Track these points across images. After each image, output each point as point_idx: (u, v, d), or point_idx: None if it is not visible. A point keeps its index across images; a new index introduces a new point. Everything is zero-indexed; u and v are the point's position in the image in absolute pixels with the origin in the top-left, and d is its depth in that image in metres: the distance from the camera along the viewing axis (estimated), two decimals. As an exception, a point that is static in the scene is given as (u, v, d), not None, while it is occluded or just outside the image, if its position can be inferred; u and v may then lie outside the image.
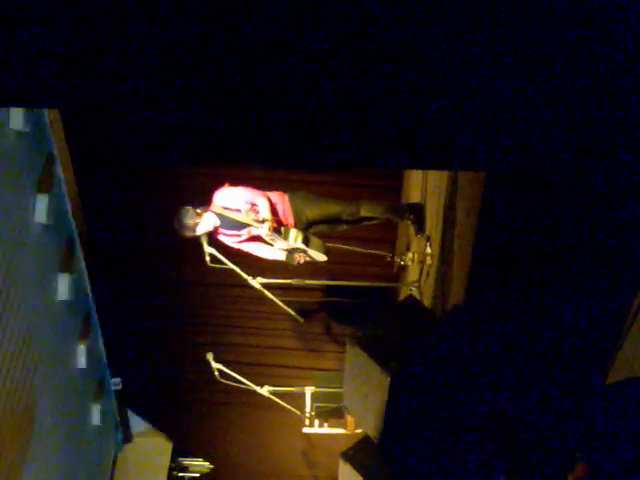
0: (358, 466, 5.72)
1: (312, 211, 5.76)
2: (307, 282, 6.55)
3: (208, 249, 5.52)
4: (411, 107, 2.02)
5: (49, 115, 6.73)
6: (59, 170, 7.08)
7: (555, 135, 2.01)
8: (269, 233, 5.43)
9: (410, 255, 6.18)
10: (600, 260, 3.18)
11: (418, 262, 6.07)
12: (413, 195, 6.85)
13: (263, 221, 5.41)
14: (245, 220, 5.41)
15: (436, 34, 1.82)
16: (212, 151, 2.41)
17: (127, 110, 2.14)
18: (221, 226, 5.54)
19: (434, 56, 1.87)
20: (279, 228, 5.51)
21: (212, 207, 5.47)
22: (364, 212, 5.92)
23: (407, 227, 6.70)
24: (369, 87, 1.97)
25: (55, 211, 6.75)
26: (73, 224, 7.49)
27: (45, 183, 6.71)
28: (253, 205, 5.47)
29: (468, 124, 2.04)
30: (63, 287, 7.14)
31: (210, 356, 6.39)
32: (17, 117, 6.02)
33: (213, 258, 5.57)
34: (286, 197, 5.72)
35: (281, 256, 5.67)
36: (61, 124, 6.83)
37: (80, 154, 7.17)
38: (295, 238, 5.45)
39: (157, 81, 2.00)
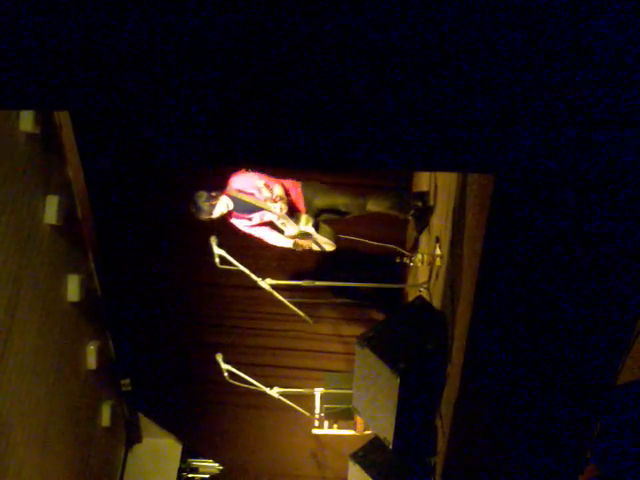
0: (367, 467, 5.72)
1: (321, 201, 5.94)
2: (316, 283, 6.54)
3: (218, 251, 5.54)
4: (422, 108, 2.01)
5: (58, 117, 6.76)
6: (69, 171, 7.11)
7: (565, 138, 2.00)
8: (281, 214, 5.60)
9: (420, 256, 6.17)
10: (612, 263, 3.17)
11: (427, 263, 6.06)
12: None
13: (276, 200, 5.57)
14: (258, 203, 5.59)
15: (452, 35, 1.82)
16: (218, 152, 2.41)
17: (135, 111, 2.15)
18: (234, 209, 5.71)
19: (449, 57, 1.86)
20: (291, 212, 5.70)
21: (228, 190, 5.67)
22: (370, 206, 6.12)
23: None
24: (380, 87, 1.97)
25: (65, 212, 6.78)
26: (82, 225, 7.51)
27: (55, 184, 6.74)
28: (267, 186, 5.66)
29: (479, 126, 2.03)
30: (73, 288, 7.17)
31: (219, 357, 6.37)
32: (27, 119, 6.05)
33: (223, 260, 5.60)
34: (299, 185, 5.92)
35: (288, 243, 5.85)
36: (71, 126, 6.85)
37: (89, 155, 7.19)
38: (306, 222, 5.70)
39: (163, 81, 2.00)
